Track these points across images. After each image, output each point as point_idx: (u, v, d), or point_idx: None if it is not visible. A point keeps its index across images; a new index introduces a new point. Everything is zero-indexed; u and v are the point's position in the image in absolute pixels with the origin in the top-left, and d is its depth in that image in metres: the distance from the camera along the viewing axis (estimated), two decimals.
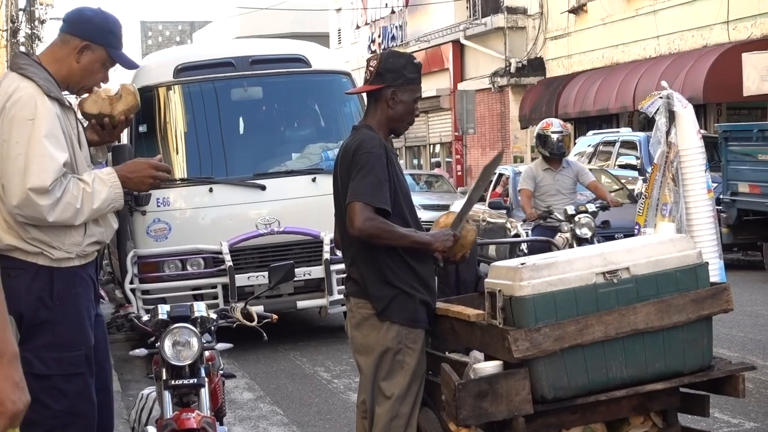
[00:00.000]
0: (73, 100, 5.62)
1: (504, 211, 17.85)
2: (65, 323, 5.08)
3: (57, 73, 5.21)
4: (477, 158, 36.89)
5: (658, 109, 8.20)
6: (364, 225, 5.45)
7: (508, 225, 17.61)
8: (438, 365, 5.55)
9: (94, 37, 5.26)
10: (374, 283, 5.67)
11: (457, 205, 18.61)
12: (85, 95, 5.52)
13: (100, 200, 5.12)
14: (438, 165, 39.33)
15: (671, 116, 8.19)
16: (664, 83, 8.73)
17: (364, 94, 6.08)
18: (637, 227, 8.65)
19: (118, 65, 5.45)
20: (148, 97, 12.87)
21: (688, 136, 8.21)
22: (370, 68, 5.81)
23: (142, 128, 12.71)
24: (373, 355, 5.70)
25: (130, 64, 5.46)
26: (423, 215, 22.32)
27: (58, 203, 4.98)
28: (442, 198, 30.29)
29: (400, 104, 5.77)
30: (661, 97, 8.22)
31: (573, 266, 5.29)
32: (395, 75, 5.74)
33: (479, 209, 19.27)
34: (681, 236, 6.06)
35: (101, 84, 5.46)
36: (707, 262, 5.63)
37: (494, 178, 19.43)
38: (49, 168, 4.95)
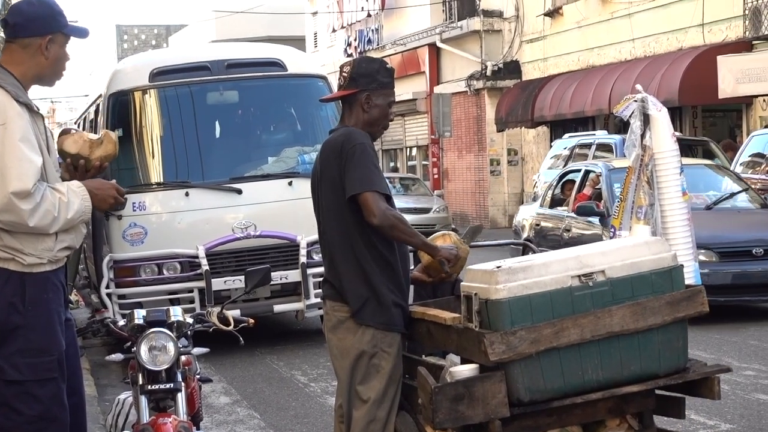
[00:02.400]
0: (42, 106, 5.60)
1: (596, 218, 14.93)
2: (38, 328, 5.06)
3: (24, 75, 5.18)
4: (453, 161, 36.95)
5: (632, 113, 8.23)
6: (385, 214, 5.55)
7: (605, 237, 14.07)
8: (415, 368, 5.56)
9: (51, 28, 5.23)
10: (351, 282, 5.69)
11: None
12: (67, 133, 5.51)
13: (74, 211, 5.10)
14: (395, 170, 39.82)
15: (646, 119, 8.22)
16: (638, 86, 8.75)
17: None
18: (612, 230, 8.67)
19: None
20: (124, 101, 12.88)
21: (663, 139, 8.24)
22: (344, 74, 5.85)
23: (118, 132, 12.67)
24: (348, 359, 5.71)
25: (84, 33, 5.44)
26: None
27: (38, 208, 4.96)
28: (419, 201, 30.39)
29: (374, 108, 5.80)
30: (635, 101, 8.24)
31: (549, 269, 5.31)
32: (369, 79, 5.79)
33: (561, 216, 16.15)
34: (656, 239, 6.09)
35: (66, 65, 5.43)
36: (682, 265, 5.66)
37: (579, 177, 16.33)
38: (29, 171, 4.93)
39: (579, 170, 16.76)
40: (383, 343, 5.68)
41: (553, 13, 31.38)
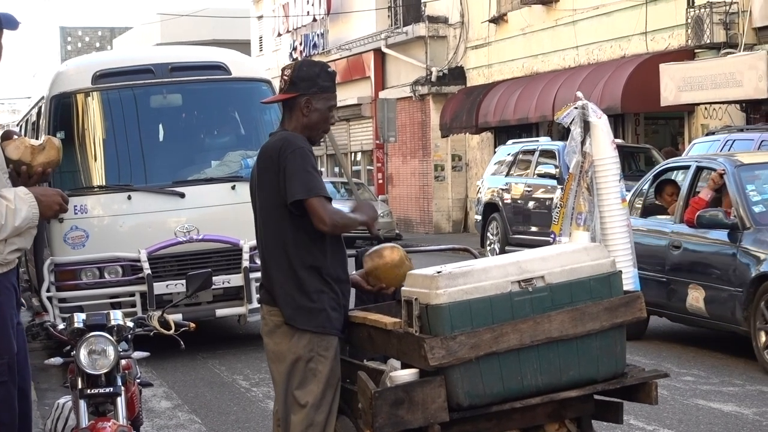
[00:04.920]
0: None
1: (725, 232, 11.17)
2: None
3: None
4: (398, 166, 36.99)
5: (573, 120, 8.30)
6: (334, 219, 5.58)
7: (737, 255, 10.90)
8: (355, 373, 5.56)
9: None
10: (285, 287, 5.68)
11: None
12: (8, 137, 5.48)
13: (21, 218, 5.07)
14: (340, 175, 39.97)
15: (586, 126, 8.30)
16: (579, 94, 8.83)
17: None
18: (552, 236, 8.74)
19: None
20: (66, 103, 12.80)
21: (603, 147, 8.33)
22: (285, 77, 5.84)
23: (60, 135, 12.59)
24: (285, 363, 5.70)
25: (17, 23, 5.39)
26: None
27: None
28: None
29: (314, 112, 5.79)
30: (576, 108, 8.32)
31: (489, 274, 5.33)
32: (309, 83, 5.77)
33: (664, 228, 12.23)
34: (595, 245, 6.13)
35: None
36: (621, 271, 5.71)
37: (689, 177, 12.29)
38: None
39: (686, 167, 12.77)
40: (320, 347, 5.67)
41: (497, 19, 31.50)
